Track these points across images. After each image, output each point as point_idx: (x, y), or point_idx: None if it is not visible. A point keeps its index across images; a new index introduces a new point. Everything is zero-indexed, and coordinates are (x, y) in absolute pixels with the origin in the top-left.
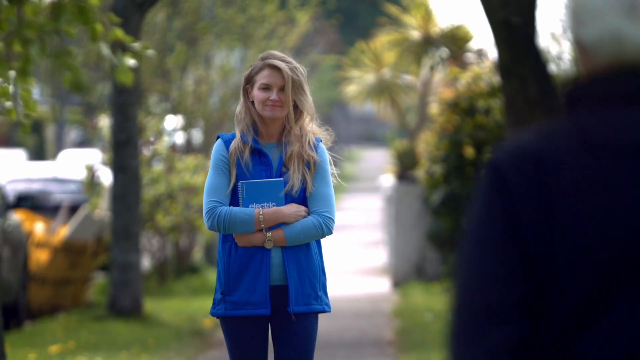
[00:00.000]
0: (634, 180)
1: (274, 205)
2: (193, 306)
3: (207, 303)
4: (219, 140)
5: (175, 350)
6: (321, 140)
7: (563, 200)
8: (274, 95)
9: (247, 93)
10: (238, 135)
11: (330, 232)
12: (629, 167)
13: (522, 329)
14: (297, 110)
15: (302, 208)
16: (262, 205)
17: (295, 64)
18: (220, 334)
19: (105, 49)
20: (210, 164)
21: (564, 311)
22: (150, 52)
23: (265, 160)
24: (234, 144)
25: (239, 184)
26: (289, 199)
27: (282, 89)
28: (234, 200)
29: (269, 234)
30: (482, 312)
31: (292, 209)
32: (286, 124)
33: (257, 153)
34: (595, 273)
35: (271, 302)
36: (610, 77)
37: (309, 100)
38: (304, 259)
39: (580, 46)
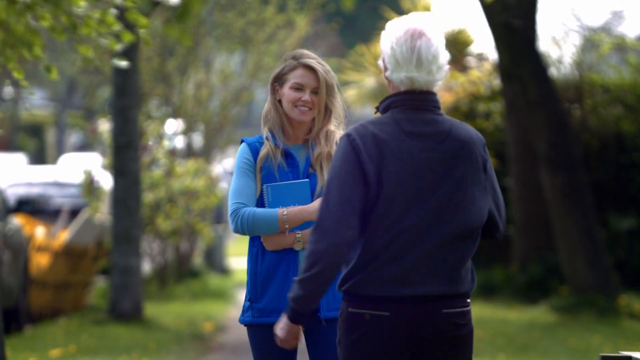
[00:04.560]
0: (423, 150)
1: None
2: (193, 310)
3: (207, 307)
4: (243, 144)
5: (176, 354)
6: None
7: (389, 159)
8: (306, 96)
9: (274, 91)
10: (267, 135)
11: None
12: (421, 143)
13: (356, 231)
14: (326, 114)
15: None
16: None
17: (328, 67)
18: (220, 338)
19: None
20: (234, 168)
21: (386, 219)
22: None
23: (292, 162)
24: (265, 148)
25: (264, 187)
26: (319, 196)
27: (314, 91)
28: (260, 205)
29: (299, 234)
30: (337, 218)
31: (317, 206)
32: (316, 124)
33: (284, 155)
34: (402, 198)
35: None
36: (408, 96)
37: (340, 104)
38: None
39: (390, 81)
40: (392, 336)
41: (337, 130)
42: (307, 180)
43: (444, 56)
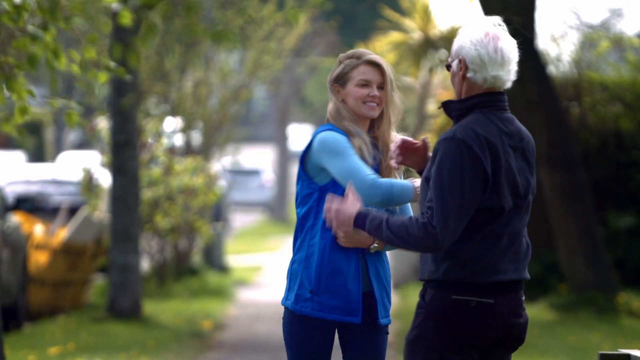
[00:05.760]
0: (516, 149)
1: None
2: (192, 308)
3: (206, 305)
4: (331, 131)
5: (175, 352)
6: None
7: (500, 160)
8: (374, 92)
9: (336, 92)
10: (354, 129)
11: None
12: (513, 142)
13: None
14: (390, 109)
15: None
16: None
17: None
18: (219, 336)
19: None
20: (339, 150)
21: (500, 216)
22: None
23: (376, 157)
24: (359, 141)
25: None
26: None
27: (379, 87)
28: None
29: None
30: (455, 226)
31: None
32: (384, 120)
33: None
34: (510, 195)
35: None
36: (492, 97)
37: (399, 99)
38: (381, 269)
39: (471, 82)
40: (493, 322)
41: (392, 133)
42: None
43: (516, 58)
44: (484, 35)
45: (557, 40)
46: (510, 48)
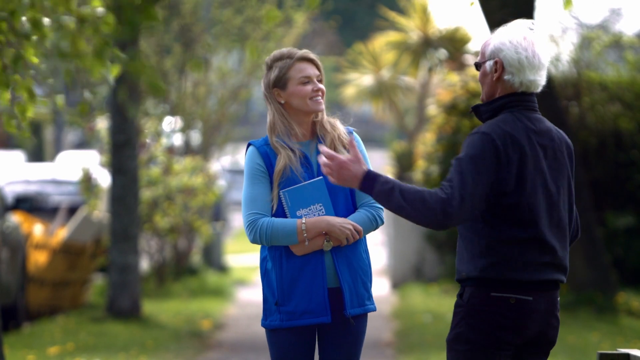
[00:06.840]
0: (544, 147)
1: (321, 206)
2: (192, 308)
3: (205, 305)
4: (252, 148)
5: (174, 351)
6: (353, 131)
7: (525, 157)
8: (317, 85)
9: (275, 97)
10: (280, 143)
11: (382, 222)
12: (541, 140)
13: (468, 218)
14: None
15: (348, 221)
16: (310, 209)
17: None
18: (218, 336)
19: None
20: (245, 174)
21: (527, 212)
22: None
23: (306, 161)
24: (283, 160)
25: (281, 193)
26: (336, 190)
27: (318, 80)
28: (280, 211)
29: (327, 235)
30: (466, 210)
31: (339, 220)
32: (321, 114)
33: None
34: (537, 192)
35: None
36: (523, 97)
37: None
38: (354, 258)
39: (506, 84)
40: (532, 319)
41: (336, 120)
42: (321, 177)
43: (548, 63)
44: (523, 39)
45: (556, 40)
46: (545, 53)
